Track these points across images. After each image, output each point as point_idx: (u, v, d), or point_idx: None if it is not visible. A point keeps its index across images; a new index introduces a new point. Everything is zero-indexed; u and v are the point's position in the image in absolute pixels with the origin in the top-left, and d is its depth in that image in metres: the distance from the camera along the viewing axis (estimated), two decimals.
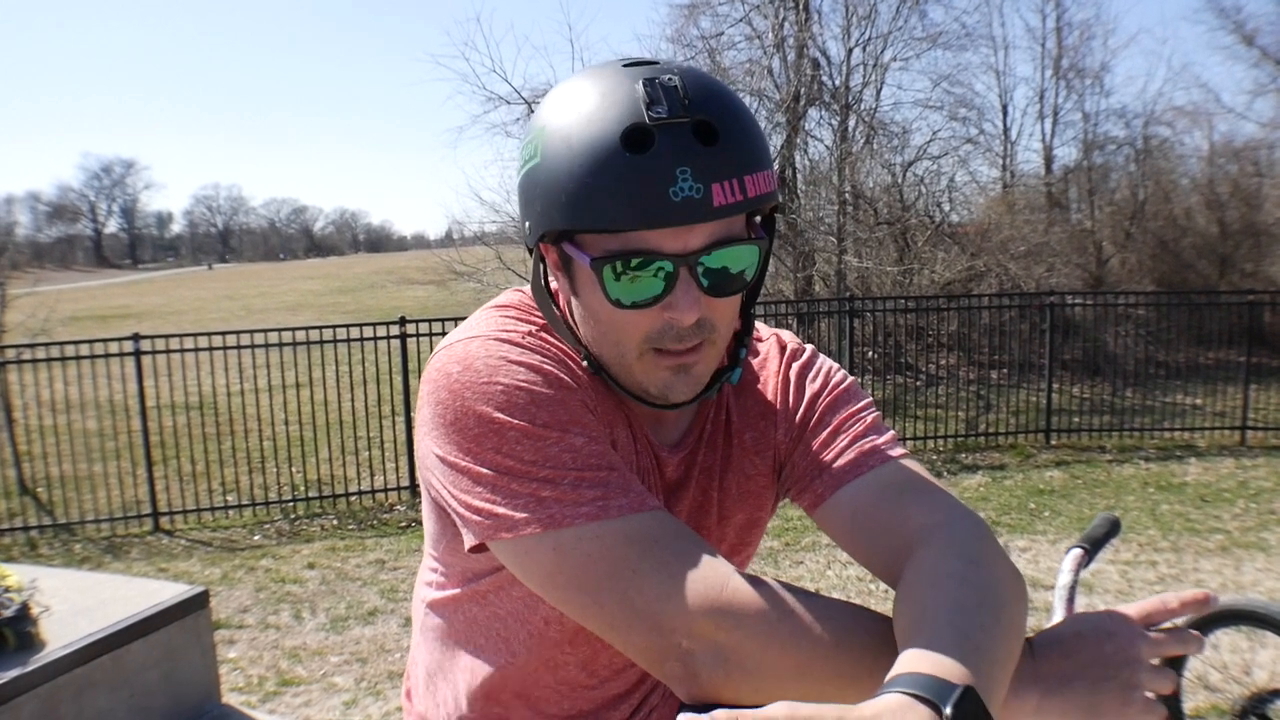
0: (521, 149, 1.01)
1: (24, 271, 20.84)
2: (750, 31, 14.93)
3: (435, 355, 1.02)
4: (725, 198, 0.91)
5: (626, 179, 0.90)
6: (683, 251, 0.93)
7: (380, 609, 5.51)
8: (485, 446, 0.93)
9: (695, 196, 0.90)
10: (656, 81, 0.92)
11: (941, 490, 1.03)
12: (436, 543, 1.13)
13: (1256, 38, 17.10)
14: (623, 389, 1.05)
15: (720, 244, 0.95)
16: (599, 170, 0.91)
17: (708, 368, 1.03)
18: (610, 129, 0.91)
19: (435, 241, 65.63)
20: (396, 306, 18.81)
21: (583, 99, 0.95)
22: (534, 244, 1.01)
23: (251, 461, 8.24)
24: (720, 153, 0.91)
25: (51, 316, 10.79)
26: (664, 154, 0.90)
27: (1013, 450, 9.01)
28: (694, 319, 0.96)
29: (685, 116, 0.91)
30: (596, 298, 0.98)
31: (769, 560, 6.06)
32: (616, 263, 0.93)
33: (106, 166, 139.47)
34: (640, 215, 0.90)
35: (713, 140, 0.91)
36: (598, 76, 0.96)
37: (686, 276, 0.95)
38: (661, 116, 0.90)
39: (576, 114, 0.94)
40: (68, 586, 3.07)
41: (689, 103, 0.91)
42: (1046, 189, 17.14)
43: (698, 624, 0.86)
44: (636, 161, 0.90)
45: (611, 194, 0.90)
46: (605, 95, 0.93)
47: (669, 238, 0.93)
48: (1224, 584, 5.46)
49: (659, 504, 0.95)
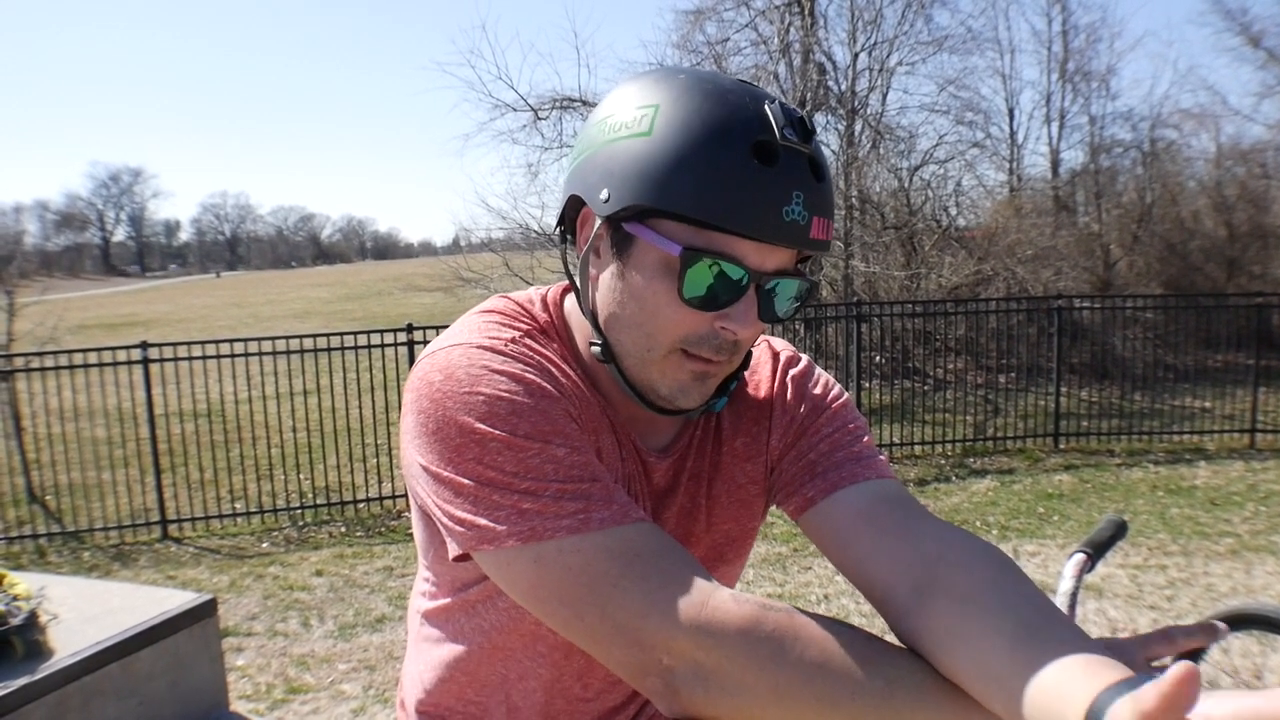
0: (608, 121, 0.99)
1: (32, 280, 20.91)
2: (756, 37, 14.94)
3: (419, 363, 1.02)
4: (819, 232, 0.96)
5: (750, 186, 0.91)
6: (760, 268, 0.96)
7: (388, 616, 5.51)
8: (466, 457, 0.92)
9: (800, 222, 0.93)
10: (785, 107, 0.95)
11: (933, 517, 1.04)
12: (425, 551, 1.13)
13: (1263, 39, 17.08)
14: (627, 383, 1.04)
15: (787, 273, 0.98)
16: (725, 167, 0.91)
17: (717, 383, 1.05)
18: (745, 133, 0.93)
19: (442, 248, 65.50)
20: (404, 313, 18.82)
21: (710, 95, 0.95)
22: (608, 214, 0.98)
23: (260, 469, 8.25)
24: (824, 190, 0.96)
25: (60, 325, 10.85)
26: (787, 175, 0.93)
27: (1021, 454, 8.98)
28: (748, 334, 0.98)
29: (806, 148, 0.94)
30: (658, 287, 0.97)
31: (777, 566, 6.04)
32: (705, 258, 0.93)
33: (114, 175, 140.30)
34: (754, 223, 0.92)
35: (821, 177, 0.96)
36: (723, 81, 0.98)
37: (753, 294, 0.97)
38: (792, 141, 0.93)
39: (705, 105, 0.94)
40: (76, 594, 3.07)
41: (811, 136, 0.96)
42: (1053, 192, 17.11)
43: (677, 641, 0.86)
44: (764, 173, 0.92)
45: (729, 193, 0.91)
46: (735, 102, 0.95)
47: (757, 252, 0.95)
48: (1234, 588, 5.43)
49: (643, 515, 0.94)
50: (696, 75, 0.98)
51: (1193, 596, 5.31)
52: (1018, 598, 0.85)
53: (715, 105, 0.94)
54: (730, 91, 0.96)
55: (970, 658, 0.80)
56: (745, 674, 0.84)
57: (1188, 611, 5.02)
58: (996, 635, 0.79)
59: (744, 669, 0.84)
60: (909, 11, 14.97)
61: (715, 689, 0.86)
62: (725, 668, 0.85)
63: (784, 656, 0.84)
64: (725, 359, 1.01)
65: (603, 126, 0.99)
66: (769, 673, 0.84)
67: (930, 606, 0.87)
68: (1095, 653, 0.73)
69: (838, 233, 13.57)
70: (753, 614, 0.86)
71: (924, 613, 0.88)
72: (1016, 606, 0.83)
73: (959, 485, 8.05)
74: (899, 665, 0.84)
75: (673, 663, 0.86)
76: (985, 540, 0.96)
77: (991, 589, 0.86)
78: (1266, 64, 17.19)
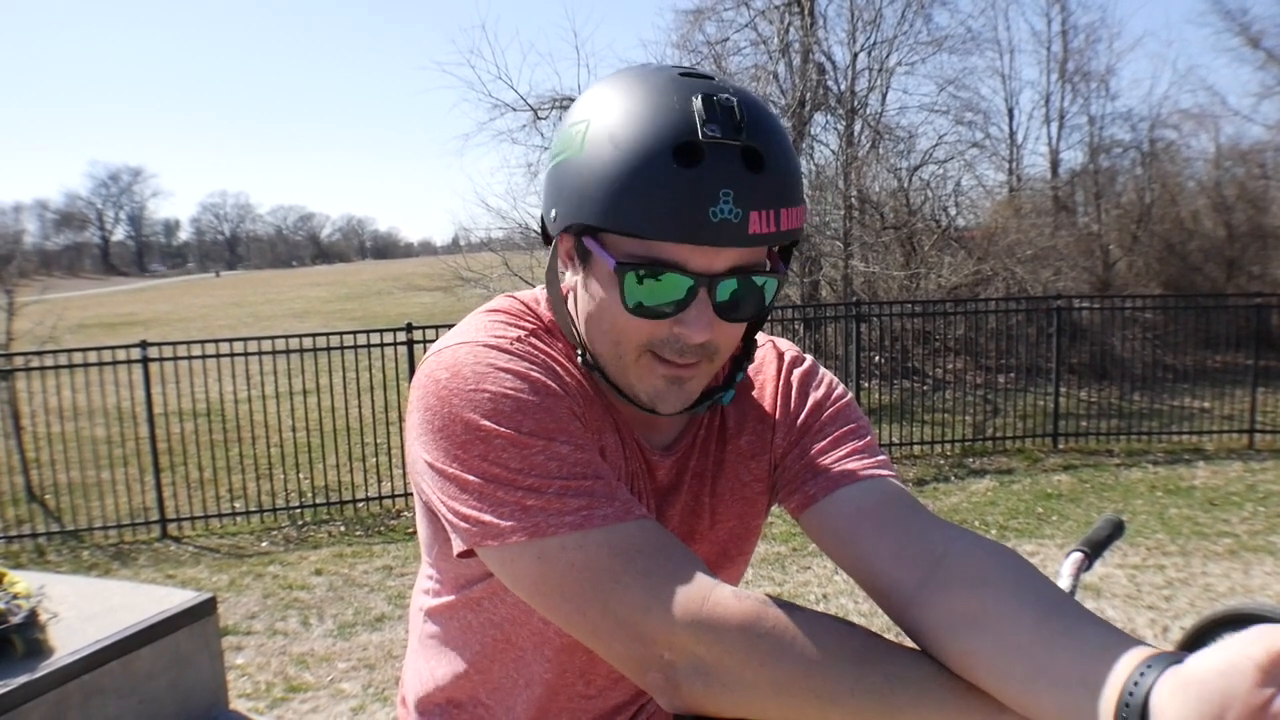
0: (558, 137, 1.00)
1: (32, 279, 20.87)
2: (756, 37, 14.95)
3: (425, 361, 1.02)
4: (761, 227, 0.91)
5: (671, 190, 0.90)
6: (706, 271, 0.94)
7: (388, 615, 5.51)
8: (472, 454, 0.93)
9: (733, 220, 0.90)
10: (714, 99, 0.92)
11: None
12: (430, 549, 1.13)
13: (1262, 40, 17.09)
14: (614, 388, 1.05)
15: (742, 271, 0.95)
16: (644, 176, 0.90)
17: (700, 384, 1.04)
18: (663, 138, 0.91)
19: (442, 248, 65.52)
20: (403, 313, 18.82)
21: (635, 101, 0.94)
22: (556, 234, 1.01)
23: (259, 468, 8.25)
24: (763, 182, 0.91)
25: (59, 324, 10.84)
26: (711, 173, 0.90)
27: (1020, 454, 8.99)
28: (703, 339, 0.97)
29: (736, 140, 0.91)
30: (610, 298, 0.98)
31: (776, 566, 6.05)
32: (640, 270, 0.93)
33: (114, 174, 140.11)
34: (677, 229, 0.90)
35: (758, 168, 0.91)
36: (652, 80, 0.96)
37: (704, 296, 0.95)
38: (714, 136, 0.90)
39: (627, 114, 0.94)
40: (76, 593, 3.07)
41: (742, 127, 0.91)
42: (1053, 193, 17.12)
43: (678, 636, 0.86)
44: (684, 175, 0.89)
45: (652, 202, 0.90)
46: (660, 102, 0.93)
47: (696, 255, 0.93)
48: (1232, 588, 5.44)
49: (645, 513, 0.95)
50: (627, 81, 0.97)
51: (1191, 596, 5.31)
52: (1035, 580, 0.85)
53: (638, 112, 0.93)
54: (657, 93, 0.94)
55: (991, 638, 0.80)
56: (745, 669, 0.85)
57: (1186, 611, 5.02)
58: (1019, 614, 0.80)
59: (744, 664, 0.85)
60: (908, 11, 15.02)
61: (716, 684, 0.86)
62: (726, 663, 0.85)
63: (784, 652, 0.84)
64: (696, 361, 1.00)
65: (555, 145, 1.01)
66: (769, 668, 0.84)
67: (942, 593, 0.88)
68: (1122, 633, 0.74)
69: (836, 232, 13.59)
70: (753, 609, 0.86)
71: (935, 600, 0.88)
72: (1036, 589, 0.83)
73: (958, 485, 8.06)
74: (899, 661, 0.84)
75: (674, 658, 0.87)
76: (990, 543, 0.97)
77: (1008, 572, 0.87)
78: (1266, 64, 17.22)
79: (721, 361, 1.04)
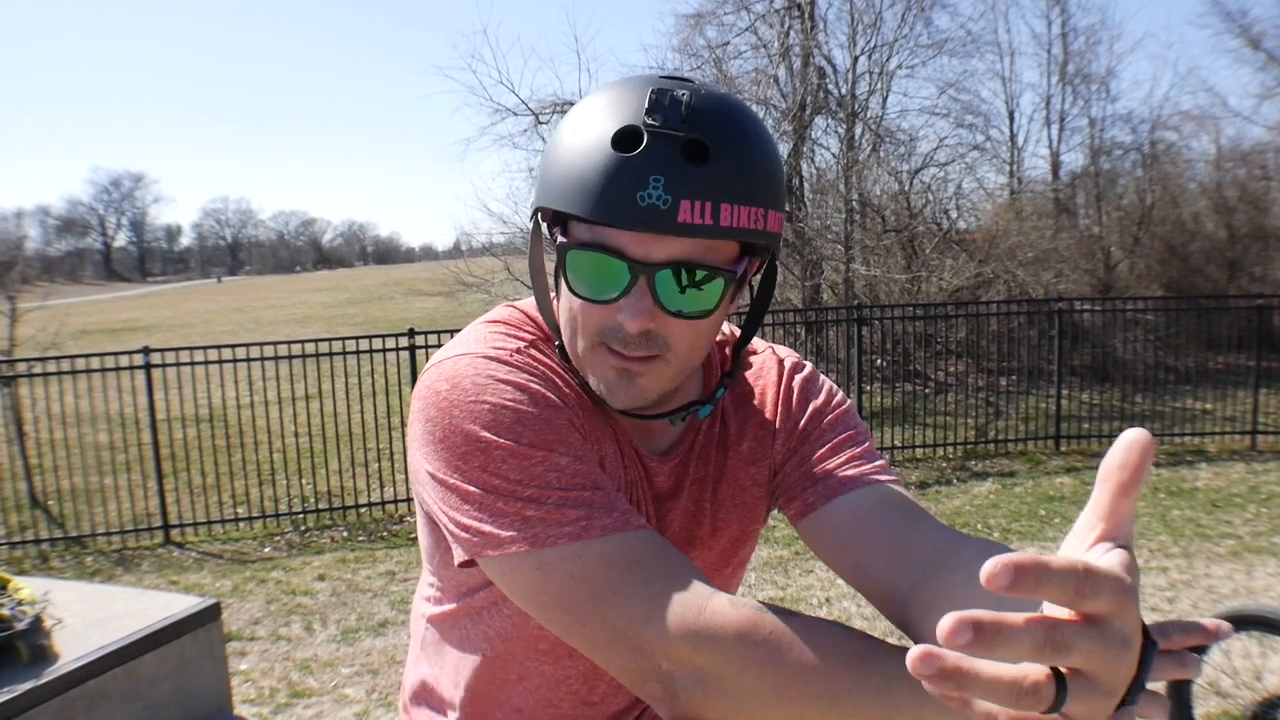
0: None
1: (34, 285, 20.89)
2: (756, 41, 14.97)
3: (425, 371, 1.04)
4: (692, 216, 0.91)
5: (605, 173, 0.92)
6: (643, 259, 0.94)
7: (391, 620, 5.51)
8: (472, 465, 0.94)
9: (660, 206, 0.90)
10: (665, 92, 0.93)
11: (938, 520, 1.04)
12: (431, 557, 1.14)
13: (1263, 41, 17.07)
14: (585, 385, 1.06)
15: (683, 264, 0.95)
16: (585, 160, 0.93)
17: (656, 383, 1.03)
18: (608, 125, 0.93)
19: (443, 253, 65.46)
20: (405, 318, 18.82)
21: (602, 96, 0.97)
22: (531, 216, 1.04)
23: (262, 474, 8.26)
24: (703, 173, 0.91)
25: (62, 330, 10.83)
26: (645, 158, 0.91)
27: (1022, 457, 8.99)
28: (639, 328, 0.97)
29: (680, 131, 0.91)
30: (564, 281, 1.00)
31: (779, 569, 6.05)
32: (582, 252, 0.96)
33: (115, 180, 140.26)
34: (606, 210, 0.92)
35: (699, 160, 0.91)
36: (626, 81, 0.99)
37: (643, 285, 0.95)
38: (655, 124, 0.91)
39: (590, 107, 0.97)
40: (80, 599, 3.07)
41: (689, 118, 0.92)
42: (1054, 195, 17.12)
43: (676, 646, 0.86)
44: (618, 159, 0.91)
45: (588, 184, 0.93)
46: (618, 97, 0.96)
47: (635, 242, 0.94)
48: (1235, 589, 5.44)
49: (644, 523, 0.95)
50: (611, 83, 1.00)
51: (1194, 598, 5.31)
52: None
53: (598, 105, 0.96)
54: (622, 89, 0.97)
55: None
56: (743, 676, 0.85)
57: (1188, 614, 5.02)
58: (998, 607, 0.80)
59: (742, 671, 0.85)
60: (909, 15, 15.02)
61: (714, 692, 0.86)
62: (723, 671, 0.86)
63: (781, 658, 0.84)
64: (646, 356, 1.00)
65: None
66: (767, 674, 0.85)
67: (927, 592, 0.89)
68: None
69: (838, 236, 13.59)
70: (749, 617, 0.87)
71: (922, 599, 0.89)
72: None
73: (960, 488, 8.06)
74: (896, 661, 0.84)
75: (672, 668, 0.87)
76: (983, 540, 0.97)
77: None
78: (1266, 66, 17.20)
79: (684, 365, 1.04)
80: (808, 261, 13.29)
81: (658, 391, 1.04)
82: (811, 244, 13.35)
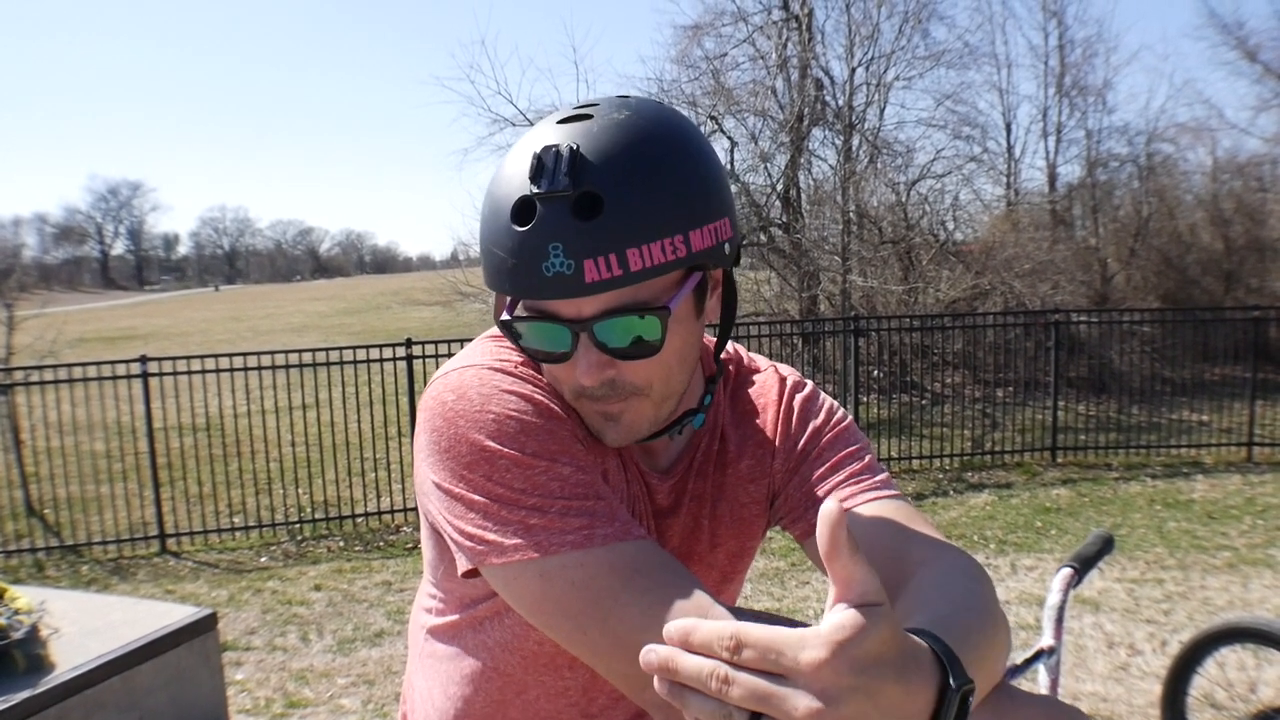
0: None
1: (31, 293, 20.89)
2: (754, 52, 15.00)
3: (432, 384, 1.05)
4: (598, 274, 0.91)
5: (512, 251, 0.93)
6: (576, 318, 0.96)
7: (387, 631, 5.51)
8: (477, 473, 0.96)
9: (566, 273, 0.91)
10: (549, 150, 0.92)
11: (936, 531, 1.04)
12: (434, 569, 1.15)
13: (1259, 53, 17.10)
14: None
15: (613, 313, 0.95)
16: (495, 239, 0.96)
17: (640, 418, 1.04)
18: (507, 199, 0.95)
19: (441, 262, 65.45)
20: (402, 328, 18.83)
21: (507, 161, 0.98)
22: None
23: (258, 483, 8.25)
24: (598, 228, 0.90)
25: (59, 338, 10.83)
26: (540, 229, 0.92)
27: (1019, 468, 8.99)
28: (596, 380, 0.98)
29: (567, 190, 0.90)
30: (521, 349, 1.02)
31: (775, 581, 6.05)
32: (522, 323, 0.98)
33: (113, 188, 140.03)
34: (521, 287, 0.94)
35: (593, 214, 0.91)
36: (526, 138, 0.98)
37: (586, 341, 0.97)
38: (540, 190, 0.91)
39: (498, 176, 0.98)
40: (77, 608, 3.07)
41: (574, 174, 0.91)
42: (1050, 206, 17.14)
43: None
44: (519, 235, 0.93)
45: (501, 263, 0.95)
46: (515, 162, 0.96)
47: (562, 305, 0.95)
48: (1231, 601, 5.44)
49: (645, 533, 0.97)
50: (518, 141, 1.00)
51: (1189, 610, 5.32)
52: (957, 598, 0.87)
53: (501, 174, 0.98)
54: (517, 151, 0.97)
55: None
56: None
57: (1184, 625, 5.03)
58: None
59: None
60: (906, 27, 15.05)
61: None
62: None
63: None
64: (616, 400, 1.01)
65: None
66: None
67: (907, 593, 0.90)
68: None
69: (835, 247, 13.61)
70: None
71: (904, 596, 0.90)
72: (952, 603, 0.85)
73: (957, 499, 8.06)
74: None
75: None
76: (966, 557, 0.98)
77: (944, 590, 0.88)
78: (1262, 77, 17.23)
79: (664, 396, 1.05)
80: (805, 272, 13.31)
81: (647, 425, 1.06)
82: (808, 255, 13.37)
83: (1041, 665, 1.90)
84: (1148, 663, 4.63)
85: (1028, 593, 5.63)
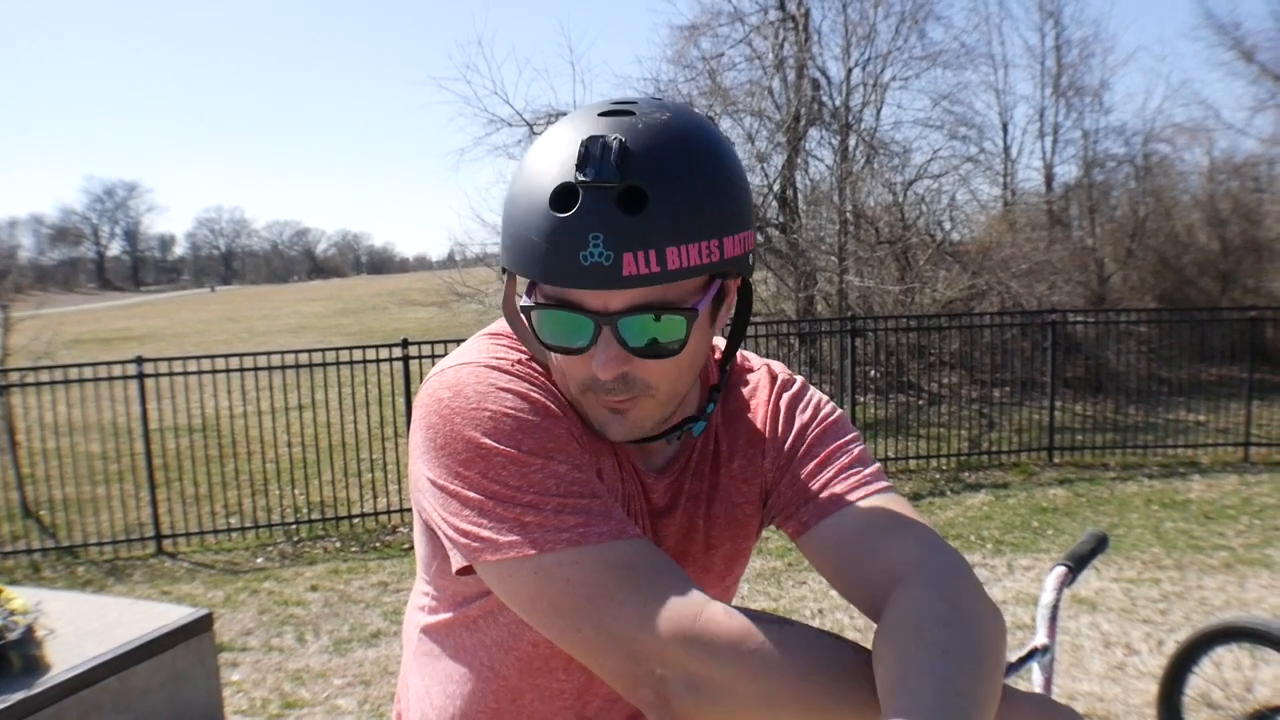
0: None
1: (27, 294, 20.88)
2: (750, 53, 14.98)
3: (428, 381, 1.05)
4: (637, 268, 0.90)
5: (547, 236, 0.92)
6: (602, 311, 0.95)
7: (383, 631, 5.50)
8: (473, 471, 0.96)
9: (604, 263, 0.90)
10: (598, 141, 0.91)
11: (922, 525, 1.03)
12: (428, 566, 1.15)
13: (1255, 54, 17.12)
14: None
15: (641, 309, 0.95)
16: (529, 223, 0.94)
17: (646, 415, 1.04)
18: (546, 184, 0.93)
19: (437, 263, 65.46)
20: (399, 328, 18.82)
21: (543, 147, 0.97)
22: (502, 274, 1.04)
23: (254, 484, 8.25)
24: (642, 222, 0.90)
25: (55, 339, 10.83)
26: (581, 216, 0.90)
27: (1016, 468, 9.00)
28: (611, 375, 0.98)
29: (613, 182, 0.90)
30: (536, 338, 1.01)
31: (772, 581, 6.05)
32: (545, 311, 0.97)
33: (109, 189, 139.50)
34: (553, 273, 0.93)
35: (638, 208, 0.90)
36: (565, 125, 0.98)
37: (608, 335, 0.96)
38: (587, 179, 0.90)
39: (534, 160, 0.97)
40: (73, 609, 3.07)
41: (622, 167, 0.91)
42: (1047, 207, 17.15)
43: (670, 652, 0.88)
44: (557, 221, 0.91)
45: (534, 248, 0.93)
46: (555, 148, 0.95)
47: (590, 296, 0.94)
48: (1227, 601, 5.45)
49: (640, 532, 0.97)
50: (552, 127, 1.00)
51: (1186, 610, 5.32)
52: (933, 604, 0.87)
53: (537, 160, 0.96)
54: (557, 139, 0.96)
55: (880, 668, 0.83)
56: (737, 683, 0.86)
57: (1181, 625, 5.03)
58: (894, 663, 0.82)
59: (736, 678, 0.86)
60: (903, 27, 15.05)
61: (707, 699, 0.87)
62: (717, 678, 0.87)
63: (775, 666, 0.86)
64: (625, 396, 1.01)
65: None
66: (760, 682, 0.86)
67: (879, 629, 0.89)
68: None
69: (831, 247, 13.61)
70: (744, 625, 0.88)
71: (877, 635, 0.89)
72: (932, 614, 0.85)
73: (954, 499, 8.07)
74: None
75: (666, 673, 0.88)
76: (952, 555, 0.97)
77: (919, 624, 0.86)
78: (1259, 78, 17.24)
79: (670, 396, 1.05)
80: (801, 273, 13.31)
81: (650, 423, 1.06)
82: (805, 255, 13.37)
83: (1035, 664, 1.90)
84: (1144, 662, 4.63)
85: (1024, 593, 5.63)
